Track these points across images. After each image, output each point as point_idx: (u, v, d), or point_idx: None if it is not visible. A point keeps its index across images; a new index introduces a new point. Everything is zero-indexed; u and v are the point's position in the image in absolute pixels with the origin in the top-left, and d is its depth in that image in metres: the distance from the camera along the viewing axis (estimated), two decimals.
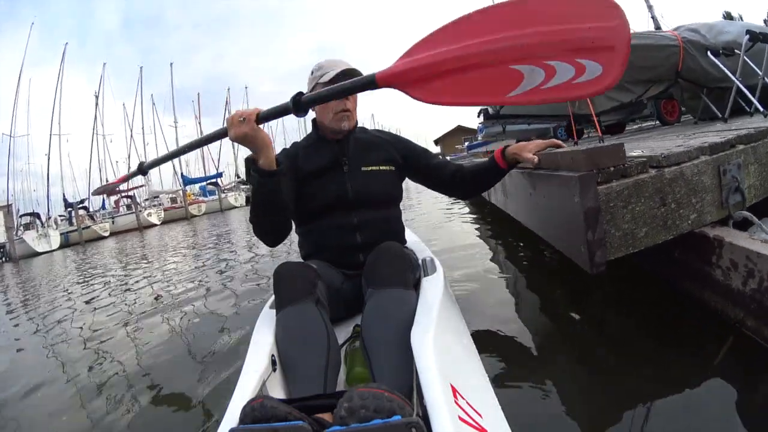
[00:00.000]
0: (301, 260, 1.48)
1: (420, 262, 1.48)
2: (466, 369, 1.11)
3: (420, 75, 1.03)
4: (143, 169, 1.57)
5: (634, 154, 1.64)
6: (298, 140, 1.63)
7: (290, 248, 5.04)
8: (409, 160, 1.59)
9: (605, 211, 1.41)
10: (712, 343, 1.48)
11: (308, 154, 1.51)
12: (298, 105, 1.15)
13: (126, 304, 4.06)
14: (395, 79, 1.06)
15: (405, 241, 1.62)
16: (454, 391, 0.83)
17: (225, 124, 1.22)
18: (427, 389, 0.77)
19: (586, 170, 1.42)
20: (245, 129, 1.16)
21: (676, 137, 2.66)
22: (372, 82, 1.08)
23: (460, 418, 0.74)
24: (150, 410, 1.86)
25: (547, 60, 0.91)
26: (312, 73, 1.50)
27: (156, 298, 3.95)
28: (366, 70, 1.28)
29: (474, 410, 0.83)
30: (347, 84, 1.13)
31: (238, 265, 5.10)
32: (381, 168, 1.48)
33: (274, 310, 1.18)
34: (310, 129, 1.64)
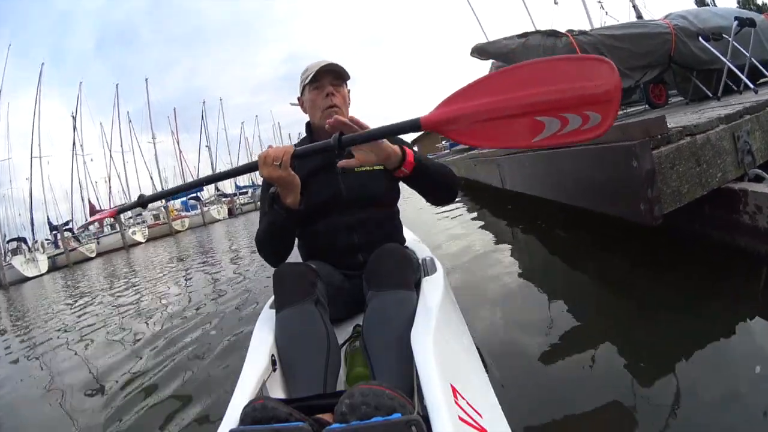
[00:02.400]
0: (301, 261, 1.51)
1: (420, 262, 1.50)
2: (466, 369, 1.14)
3: (460, 122, 1.19)
4: (143, 202, 1.54)
5: (672, 125, 2.04)
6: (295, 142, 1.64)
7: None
8: None
9: (658, 172, 1.81)
10: (749, 281, 1.78)
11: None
12: (339, 143, 1.20)
13: (125, 312, 4.24)
14: (438, 125, 1.21)
15: (404, 240, 1.64)
16: (454, 391, 0.85)
17: (253, 158, 1.29)
18: (427, 389, 0.79)
19: (640, 139, 1.81)
20: (281, 173, 1.23)
21: (686, 114, 3.10)
22: (417, 126, 1.21)
23: (460, 418, 0.76)
24: (150, 410, 1.93)
25: (562, 112, 1.12)
26: (301, 77, 1.55)
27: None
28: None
29: (474, 410, 0.85)
30: (393, 126, 1.23)
31: (233, 272, 5.29)
32: (375, 168, 1.46)
33: (274, 311, 1.20)
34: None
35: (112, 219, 21.49)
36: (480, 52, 4.95)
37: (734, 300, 1.78)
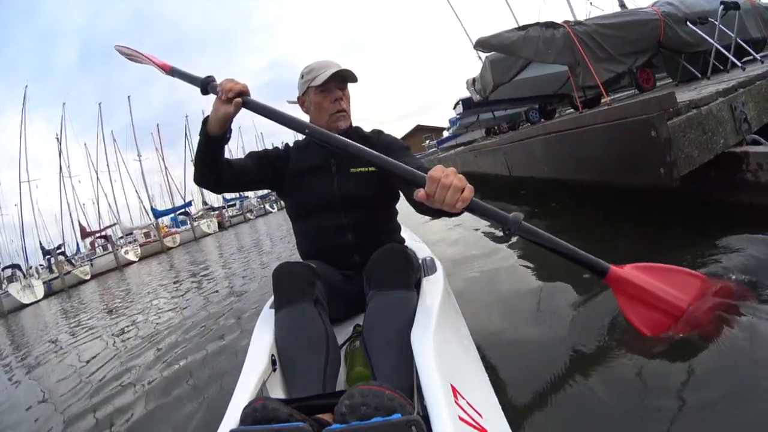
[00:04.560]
0: (301, 260, 1.52)
1: (420, 262, 1.50)
2: (466, 369, 1.15)
3: (645, 298, 1.29)
4: (206, 84, 1.43)
5: (679, 99, 2.40)
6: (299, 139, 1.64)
7: (289, 249, 5.49)
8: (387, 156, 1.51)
9: (674, 140, 2.16)
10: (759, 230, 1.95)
11: (299, 154, 1.57)
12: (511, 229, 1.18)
13: (126, 324, 4.40)
14: (627, 286, 1.28)
15: (402, 241, 1.64)
16: (454, 391, 0.86)
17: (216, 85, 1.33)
18: (427, 389, 0.81)
19: (658, 112, 2.17)
20: (219, 104, 1.29)
21: (684, 92, 3.49)
22: (603, 272, 1.27)
23: (460, 418, 0.77)
24: (150, 411, 1.96)
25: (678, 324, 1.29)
26: (302, 77, 1.53)
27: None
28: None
29: (474, 410, 0.86)
30: (575, 253, 1.26)
31: (231, 276, 5.53)
32: (369, 169, 1.47)
33: (274, 310, 1.22)
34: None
35: (103, 240, 21.57)
36: (483, 45, 5.34)
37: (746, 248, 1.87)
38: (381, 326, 1.12)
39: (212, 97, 1.36)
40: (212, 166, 1.40)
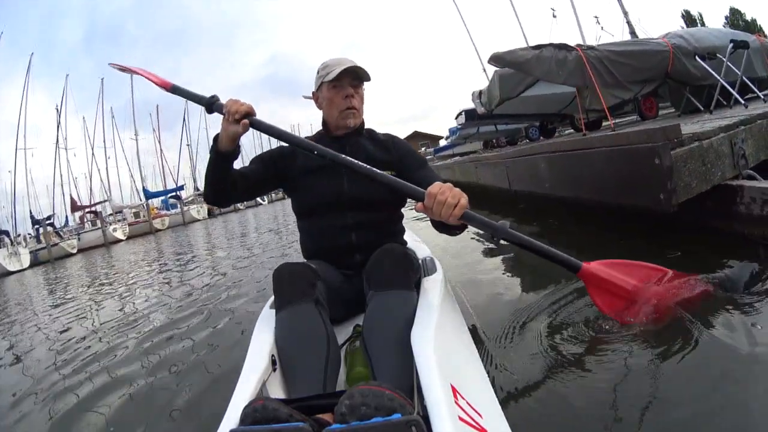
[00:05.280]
0: (302, 260, 1.55)
1: (420, 262, 1.51)
2: (466, 369, 1.16)
3: (603, 286, 1.54)
4: (211, 104, 1.47)
5: (684, 131, 2.55)
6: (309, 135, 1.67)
7: (289, 249, 5.57)
8: (401, 165, 1.56)
9: (675, 169, 2.30)
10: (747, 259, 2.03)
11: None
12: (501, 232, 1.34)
13: (119, 314, 4.24)
14: (599, 281, 1.52)
15: (405, 243, 1.66)
16: (454, 391, 0.86)
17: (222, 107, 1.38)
18: (427, 389, 0.81)
19: (663, 141, 2.31)
20: (227, 125, 1.34)
21: (686, 124, 3.65)
22: (576, 268, 1.49)
23: (460, 418, 0.77)
24: (149, 411, 1.95)
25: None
26: (318, 72, 1.56)
27: None
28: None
29: (474, 410, 0.87)
30: (550, 252, 1.44)
31: (228, 270, 5.39)
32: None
33: (274, 310, 1.23)
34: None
35: (93, 216, 21.49)
36: (497, 60, 5.50)
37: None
38: (381, 326, 1.13)
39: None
40: (223, 181, 1.44)
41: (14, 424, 2.16)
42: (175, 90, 1.59)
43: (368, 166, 1.33)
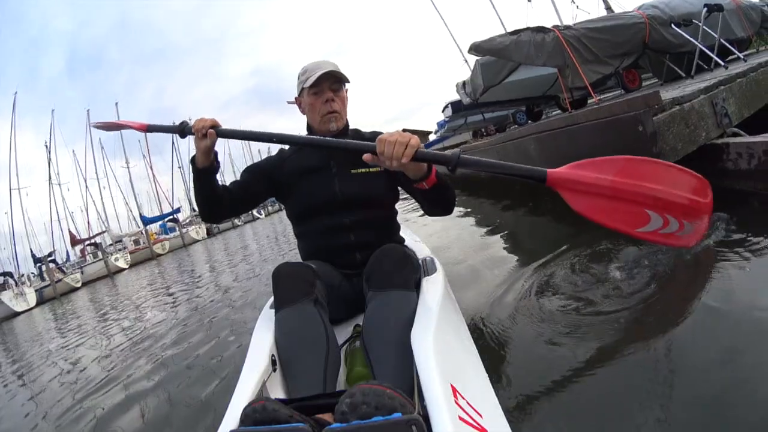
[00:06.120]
0: (301, 260, 1.55)
1: (420, 262, 1.51)
2: (466, 369, 1.15)
3: (583, 189, 1.30)
4: (182, 130, 1.50)
5: (664, 97, 2.60)
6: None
7: (289, 249, 5.57)
8: None
9: (659, 134, 2.36)
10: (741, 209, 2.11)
11: (298, 156, 1.59)
12: (457, 161, 1.24)
13: (123, 327, 4.43)
14: (564, 183, 1.30)
15: (401, 240, 1.67)
16: (454, 390, 0.86)
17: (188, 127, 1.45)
18: (427, 389, 0.81)
19: (644, 108, 2.37)
20: (197, 141, 1.39)
21: (668, 90, 3.71)
22: (543, 178, 1.30)
23: (460, 418, 0.77)
24: (149, 412, 1.97)
25: (668, 213, 1.27)
26: (298, 77, 1.57)
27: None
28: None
29: (474, 410, 0.87)
30: (514, 168, 1.31)
31: (230, 283, 5.45)
32: (370, 170, 1.50)
33: (274, 311, 1.23)
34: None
35: (93, 248, 21.48)
36: (477, 49, 5.55)
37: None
38: (381, 326, 1.13)
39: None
40: (212, 198, 1.47)
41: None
42: (150, 129, 1.63)
43: (348, 141, 1.32)
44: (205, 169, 1.42)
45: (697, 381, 1.21)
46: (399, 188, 1.61)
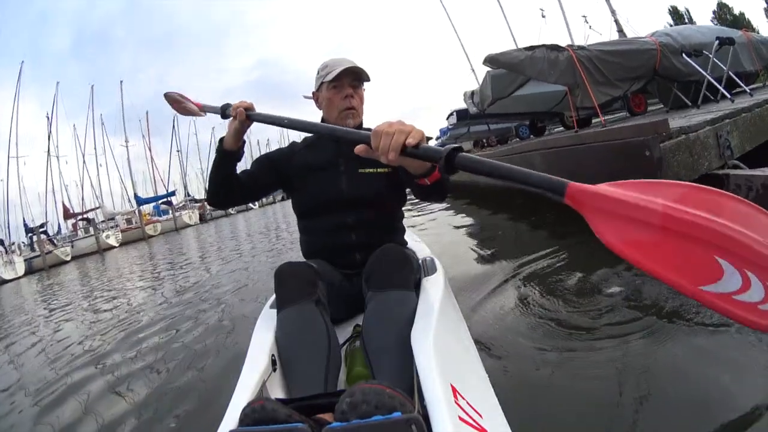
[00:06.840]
0: (302, 259, 1.54)
1: (420, 262, 1.52)
2: (466, 369, 1.16)
3: (617, 211, 0.86)
4: (224, 111, 1.50)
5: (672, 125, 2.72)
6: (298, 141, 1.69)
7: (288, 249, 5.64)
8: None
9: (665, 160, 2.47)
10: None
11: (308, 151, 1.60)
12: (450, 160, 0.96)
13: (117, 316, 4.26)
14: (589, 201, 0.88)
15: (405, 243, 1.67)
16: (454, 391, 0.86)
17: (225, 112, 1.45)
18: (427, 389, 0.82)
19: (652, 135, 2.48)
20: (231, 123, 1.39)
21: (674, 119, 3.83)
22: (560, 192, 0.90)
23: (460, 418, 0.78)
24: (149, 411, 1.96)
25: (750, 271, 0.77)
26: (318, 72, 1.58)
27: None
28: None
29: (474, 410, 0.87)
30: (525, 175, 0.92)
31: (227, 272, 5.44)
32: (378, 171, 1.50)
33: (275, 310, 1.23)
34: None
35: (85, 223, 21.45)
36: (492, 61, 5.67)
37: None
38: (380, 326, 1.13)
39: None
40: (227, 182, 1.48)
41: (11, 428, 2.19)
42: (203, 109, 1.66)
43: (346, 129, 1.19)
44: (231, 153, 1.43)
45: (698, 385, 1.27)
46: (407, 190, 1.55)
